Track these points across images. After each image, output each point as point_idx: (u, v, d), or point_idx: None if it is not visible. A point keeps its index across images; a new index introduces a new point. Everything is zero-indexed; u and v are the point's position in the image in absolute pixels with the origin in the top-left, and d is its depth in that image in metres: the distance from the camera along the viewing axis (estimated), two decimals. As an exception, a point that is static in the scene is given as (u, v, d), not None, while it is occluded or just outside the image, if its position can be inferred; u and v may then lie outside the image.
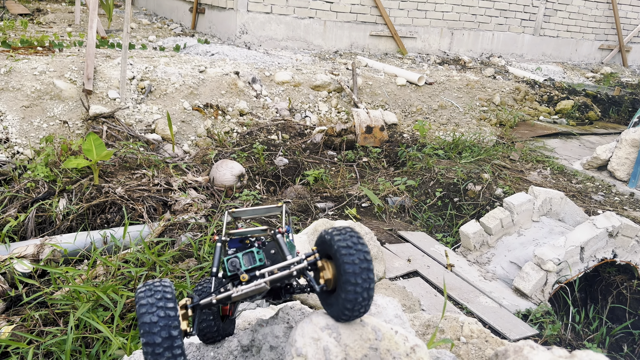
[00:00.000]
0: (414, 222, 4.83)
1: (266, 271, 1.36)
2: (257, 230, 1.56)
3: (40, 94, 5.64)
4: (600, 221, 4.01)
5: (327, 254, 1.36)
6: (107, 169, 4.74)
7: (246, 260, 1.42)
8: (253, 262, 1.41)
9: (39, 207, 4.10)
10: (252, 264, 1.41)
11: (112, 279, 3.07)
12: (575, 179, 6.01)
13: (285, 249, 1.43)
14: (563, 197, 4.54)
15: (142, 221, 4.09)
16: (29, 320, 2.81)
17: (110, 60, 6.65)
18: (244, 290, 1.33)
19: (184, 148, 5.72)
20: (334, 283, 1.33)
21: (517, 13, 11.83)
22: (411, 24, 10.60)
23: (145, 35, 9.65)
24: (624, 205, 5.33)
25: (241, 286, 1.34)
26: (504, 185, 5.18)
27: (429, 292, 3.49)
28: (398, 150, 6.24)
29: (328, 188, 5.19)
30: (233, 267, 1.40)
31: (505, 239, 4.27)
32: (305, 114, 6.92)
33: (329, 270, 1.34)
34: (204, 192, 4.69)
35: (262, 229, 1.55)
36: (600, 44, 13.45)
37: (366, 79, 7.97)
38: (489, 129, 7.61)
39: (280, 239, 1.46)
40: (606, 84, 11.27)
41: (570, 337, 3.52)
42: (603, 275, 4.28)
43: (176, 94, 6.31)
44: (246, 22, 9.12)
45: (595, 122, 8.97)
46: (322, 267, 1.35)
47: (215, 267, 1.42)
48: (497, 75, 9.91)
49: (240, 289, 1.33)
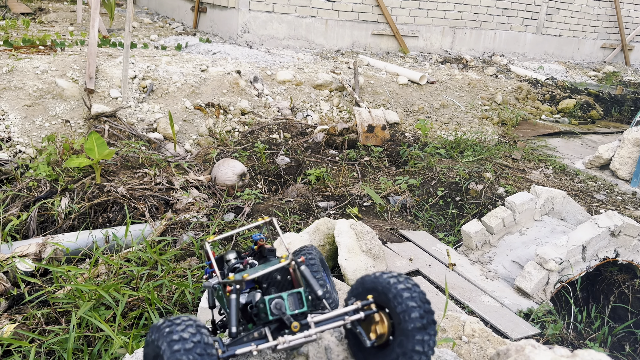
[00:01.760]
0: (415, 221, 4.83)
1: (313, 320, 1.18)
2: (279, 267, 1.30)
3: (42, 93, 5.65)
4: (603, 220, 4.01)
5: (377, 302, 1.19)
6: (109, 168, 4.74)
7: (292, 302, 1.22)
8: (300, 306, 1.22)
9: (41, 206, 4.10)
10: (298, 308, 1.21)
11: (114, 277, 3.08)
12: (578, 178, 6.00)
13: (315, 284, 1.25)
14: (565, 196, 4.53)
15: (144, 220, 4.09)
16: (31, 319, 2.82)
17: (112, 59, 6.65)
18: (292, 341, 1.15)
19: (186, 147, 5.72)
20: (386, 338, 1.17)
21: (519, 12, 11.80)
22: (413, 22, 10.59)
23: (147, 34, 9.66)
24: (626, 204, 5.32)
25: (288, 336, 1.15)
26: (506, 185, 5.17)
27: (431, 292, 3.49)
28: (400, 149, 6.24)
29: (330, 187, 5.19)
30: (277, 311, 1.19)
31: (507, 238, 4.27)
32: (307, 113, 6.92)
33: (383, 323, 1.17)
34: (205, 191, 4.69)
35: (282, 265, 1.29)
36: (603, 43, 13.41)
37: (368, 77, 7.96)
38: (491, 128, 7.60)
39: (306, 270, 1.28)
40: (608, 82, 11.24)
41: (572, 337, 3.52)
42: (605, 275, 4.27)
43: (178, 93, 6.31)
44: (248, 21, 9.12)
45: (597, 121, 8.95)
46: (375, 319, 1.19)
47: (234, 325, 1.18)
48: (499, 74, 9.90)
49: (287, 340, 1.14)
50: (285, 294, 1.22)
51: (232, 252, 1.51)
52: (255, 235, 1.55)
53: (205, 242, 1.49)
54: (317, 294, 1.24)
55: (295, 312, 1.20)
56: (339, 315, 1.19)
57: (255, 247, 1.54)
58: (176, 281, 3.08)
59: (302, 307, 1.21)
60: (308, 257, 1.57)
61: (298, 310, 1.20)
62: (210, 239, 1.46)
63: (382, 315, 1.17)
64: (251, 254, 1.53)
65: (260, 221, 1.51)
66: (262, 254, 1.51)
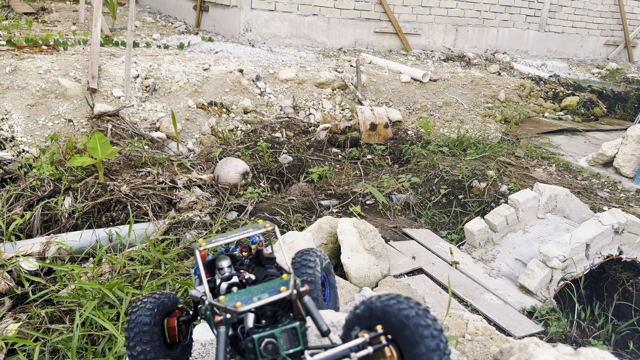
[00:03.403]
0: (418, 219, 4.82)
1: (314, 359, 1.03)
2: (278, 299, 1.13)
3: (45, 92, 5.66)
4: (606, 218, 4.00)
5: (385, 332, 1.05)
6: (112, 167, 4.75)
7: (285, 340, 1.07)
8: (295, 344, 1.07)
9: (45, 205, 4.12)
10: (293, 346, 1.06)
11: (118, 276, 3.08)
12: (581, 176, 5.99)
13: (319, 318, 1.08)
14: (568, 193, 4.52)
15: (147, 219, 4.10)
16: (35, 318, 2.83)
17: (114, 59, 6.66)
18: None
19: (189, 146, 5.73)
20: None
21: (522, 9, 11.77)
22: (415, 20, 10.57)
23: (150, 34, 9.67)
24: (630, 201, 5.30)
25: None
26: (509, 182, 5.16)
27: (434, 290, 3.49)
28: (402, 147, 6.23)
29: (332, 185, 5.19)
30: (269, 353, 1.04)
31: (510, 236, 4.26)
32: (309, 112, 6.92)
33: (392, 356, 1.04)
34: (208, 190, 4.70)
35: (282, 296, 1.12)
36: (606, 40, 13.36)
37: (370, 76, 7.95)
38: (494, 126, 7.58)
39: (310, 302, 1.12)
40: (612, 80, 11.20)
41: (576, 334, 3.51)
42: (609, 272, 4.26)
43: (180, 92, 6.32)
44: (250, 20, 9.12)
45: (600, 119, 8.92)
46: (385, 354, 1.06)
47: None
48: (502, 72, 9.87)
49: None
50: (278, 330, 1.06)
51: (226, 259, 1.36)
52: (254, 238, 1.41)
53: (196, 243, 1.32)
54: (322, 330, 1.08)
55: (289, 352, 1.06)
56: (342, 351, 1.04)
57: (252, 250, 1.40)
58: (179, 280, 3.09)
59: (298, 345, 1.07)
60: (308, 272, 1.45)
61: (293, 349, 1.06)
62: (202, 245, 1.27)
63: (392, 350, 1.04)
64: (248, 257, 1.40)
65: (262, 229, 1.32)
66: (260, 262, 1.38)
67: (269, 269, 1.34)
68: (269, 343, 1.04)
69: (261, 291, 1.13)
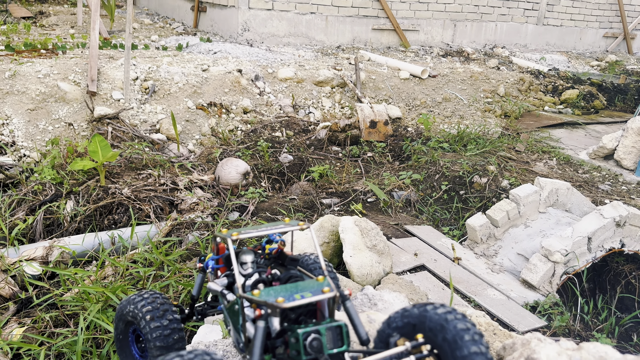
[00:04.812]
0: (420, 216, 4.83)
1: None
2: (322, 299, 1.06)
3: (45, 96, 5.67)
4: (608, 211, 4.00)
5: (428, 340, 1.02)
6: (113, 170, 4.76)
7: (330, 338, 1.01)
8: (339, 343, 1.02)
9: (47, 209, 4.13)
10: (337, 346, 1.02)
11: (121, 279, 3.09)
12: (582, 169, 5.98)
13: (361, 325, 1.04)
14: (569, 187, 4.52)
15: (149, 221, 4.11)
16: (39, 322, 2.84)
17: (113, 61, 6.67)
18: None
19: (189, 147, 5.74)
20: None
21: (520, 3, 11.74)
22: (413, 16, 10.55)
23: (148, 35, 9.67)
24: (631, 194, 5.30)
25: None
26: (510, 177, 5.16)
27: (437, 286, 3.49)
28: (403, 144, 6.23)
29: (333, 184, 5.19)
30: (313, 350, 0.99)
31: (512, 230, 4.27)
32: (309, 110, 6.92)
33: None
34: (209, 191, 4.71)
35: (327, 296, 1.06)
36: (605, 32, 13.33)
37: (369, 73, 7.95)
38: (494, 121, 7.58)
39: (352, 308, 1.08)
40: (611, 72, 11.18)
41: (579, 328, 3.51)
42: (611, 265, 4.27)
43: (180, 94, 6.32)
44: (248, 20, 9.11)
45: (600, 111, 8.91)
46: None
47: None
48: (501, 66, 9.86)
49: None
50: (324, 327, 1.01)
51: (250, 253, 1.31)
52: (273, 236, 1.36)
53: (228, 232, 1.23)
54: (362, 338, 1.04)
55: (334, 352, 1.00)
56: (384, 358, 1.00)
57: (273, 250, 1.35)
58: (183, 281, 3.10)
59: (342, 345, 1.01)
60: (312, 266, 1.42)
61: (337, 349, 1.01)
62: (234, 235, 1.19)
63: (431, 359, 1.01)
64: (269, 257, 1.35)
65: (296, 227, 1.25)
66: (283, 262, 1.33)
67: (291, 270, 1.30)
68: (315, 339, 0.99)
69: (301, 290, 1.08)
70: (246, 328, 1.08)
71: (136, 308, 1.34)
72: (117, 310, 1.45)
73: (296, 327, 1.03)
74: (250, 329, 1.09)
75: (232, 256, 1.16)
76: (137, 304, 1.34)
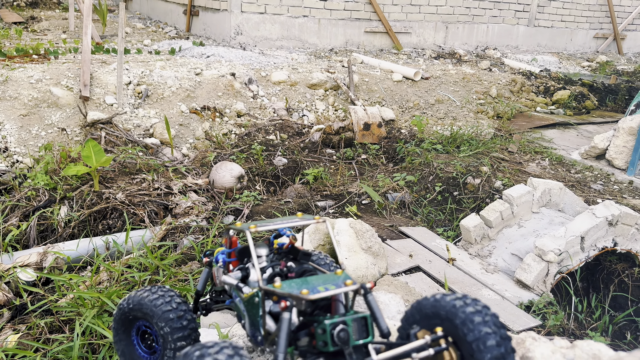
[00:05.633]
0: (414, 217, 4.85)
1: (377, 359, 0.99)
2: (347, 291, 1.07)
3: (38, 102, 5.65)
4: (600, 210, 4.03)
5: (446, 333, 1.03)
6: (107, 174, 4.75)
7: (355, 329, 1.03)
8: (364, 335, 1.04)
9: (41, 215, 4.11)
10: (362, 337, 1.03)
11: (116, 284, 3.09)
12: (574, 169, 6.03)
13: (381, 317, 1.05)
14: (562, 187, 4.55)
15: (144, 226, 4.10)
16: (34, 329, 2.83)
17: (106, 66, 6.66)
18: None
19: (183, 151, 5.73)
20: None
21: (511, 4, 11.83)
22: (405, 19, 10.61)
23: (140, 40, 9.66)
24: (623, 193, 5.35)
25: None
26: (503, 178, 5.19)
27: (432, 287, 3.51)
28: (396, 146, 6.26)
29: (328, 186, 5.20)
30: (341, 341, 0.99)
31: (506, 231, 4.29)
32: (303, 113, 6.93)
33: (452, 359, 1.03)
34: (204, 195, 4.71)
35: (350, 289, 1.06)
36: (595, 33, 13.45)
37: (362, 75, 7.97)
38: (487, 122, 7.62)
39: (373, 301, 1.08)
40: (602, 72, 11.27)
41: (574, 327, 3.54)
42: (604, 264, 4.30)
43: (173, 98, 6.32)
44: (240, 23, 9.12)
45: (592, 111, 8.98)
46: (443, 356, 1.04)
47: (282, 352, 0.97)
48: (493, 68, 9.92)
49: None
50: (350, 318, 1.02)
51: (265, 247, 1.31)
52: (283, 231, 1.36)
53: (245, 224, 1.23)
54: (383, 331, 1.05)
55: (360, 343, 1.01)
56: (405, 352, 1.01)
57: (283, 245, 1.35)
58: (178, 286, 3.09)
59: (367, 336, 1.03)
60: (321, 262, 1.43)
61: (363, 340, 1.02)
62: (252, 228, 1.19)
63: (451, 352, 1.02)
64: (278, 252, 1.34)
65: (312, 221, 1.25)
66: (295, 256, 1.33)
67: (304, 264, 1.30)
68: (342, 330, 0.99)
69: (322, 283, 1.08)
70: (266, 321, 1.08)
71: (153, 305, 1.31)
72: (119, 308, 1.42)
73: (322, 318, 1.03)
74: (269, 322, 1.09)
75: (252, 248, 1.16)
76: (154, 301, 1.32)
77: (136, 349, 1.44)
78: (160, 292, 1.36)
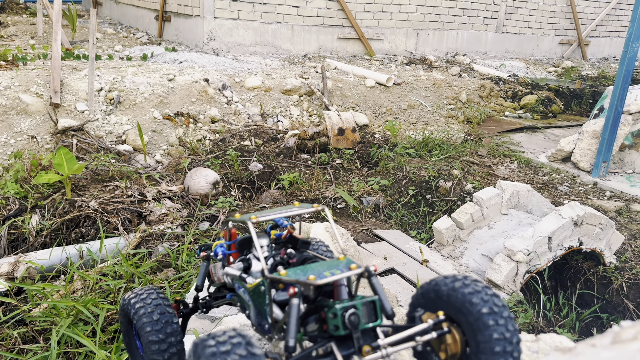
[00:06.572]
0: (388, 220, 4.93)
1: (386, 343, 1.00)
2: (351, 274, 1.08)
3: (6, 109, 5.55)
4: (566, 211, 4.17)
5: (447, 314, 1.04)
6: (79, 182, 4.69)
7: (364, 313, 1.04)
8: (373, 318, 1.05)
9: (11, 224, 4.04)
10: (372, 320, 1.04)
11: (91, 292, 3.06)
12: (541, 172, 6.21)
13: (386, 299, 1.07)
14: (530, 189, 4.70)
15: (118, 233, 4.07)
16: (7, 339, 2.79)
17: (76, 72, 6.57)
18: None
19: (156, 158, 5.70)
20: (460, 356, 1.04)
21: (479, 12, 12.11)
22: (377, 25, 10.75)
23: (111, 45, 9.55)
24: (588, 194, 5.54)
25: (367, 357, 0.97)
26: (473, 181, 5.32)
27: (406, 288, 3.58)
28: (370, 150, 6.34)
29: (303, 191, 5.25)
30: (352, 324, 1.01)
31: (477, 232, 4.40)
32: (278, 119, 6.97)
33: (455, 341, 1.03)
34: (178, 202, 4.69)
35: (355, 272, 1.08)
36: (561, 39, 13.87)
37: (336, 81, 8.06)
38: (457, 127, 7.79)
39: (377, 284, 1.10)
40: (567, 77, 11.64)
41: (542, 324, 3.66)
42: (571, 263, 4.45)
43: (146, 104, 6.28)
44: (213, 29, 9.11)
45: (558, 115, 9.26)
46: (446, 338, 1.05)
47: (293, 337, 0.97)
48: (462, 74, 10.13)
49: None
50: (359, 303, 1.03)
51: (265, 237, 1.32)
52: (280, 221, 1.36)
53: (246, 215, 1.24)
54: (387, 313, 1.06)
55: (369, 326, 1.02)
56: (410, 335, 1.03)
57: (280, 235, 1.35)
58: (154, 293, 3.09)
59: (376, 319, 1.04)
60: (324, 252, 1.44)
61: (372, 323, 1.03)
62: (253, 218, 1.19)
63: (454, 334, 1.03)
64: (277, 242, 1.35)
65: (310, 209, 1.27)
66: (294, 245, 1.34)
67: (304, 252, 1.31)
68: (353, 314, 1.00)
69: (327, 268, 1.09)
70: (272, 309, 1.09)
71: (136, 313, 1.34)
72: (121, 303, 1.45)
73: (333, 303, 1.04)
74: (275, 310, 1.11)
75: (254, 237, 1.18)
76: (131, 300, 1.36)
77: (137, 343, 1.45)
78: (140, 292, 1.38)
